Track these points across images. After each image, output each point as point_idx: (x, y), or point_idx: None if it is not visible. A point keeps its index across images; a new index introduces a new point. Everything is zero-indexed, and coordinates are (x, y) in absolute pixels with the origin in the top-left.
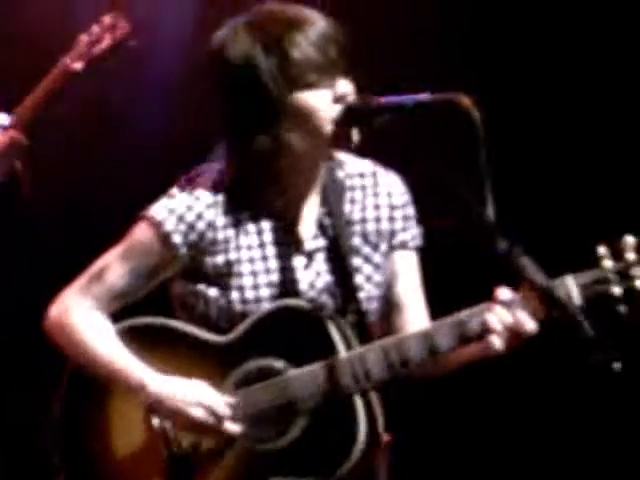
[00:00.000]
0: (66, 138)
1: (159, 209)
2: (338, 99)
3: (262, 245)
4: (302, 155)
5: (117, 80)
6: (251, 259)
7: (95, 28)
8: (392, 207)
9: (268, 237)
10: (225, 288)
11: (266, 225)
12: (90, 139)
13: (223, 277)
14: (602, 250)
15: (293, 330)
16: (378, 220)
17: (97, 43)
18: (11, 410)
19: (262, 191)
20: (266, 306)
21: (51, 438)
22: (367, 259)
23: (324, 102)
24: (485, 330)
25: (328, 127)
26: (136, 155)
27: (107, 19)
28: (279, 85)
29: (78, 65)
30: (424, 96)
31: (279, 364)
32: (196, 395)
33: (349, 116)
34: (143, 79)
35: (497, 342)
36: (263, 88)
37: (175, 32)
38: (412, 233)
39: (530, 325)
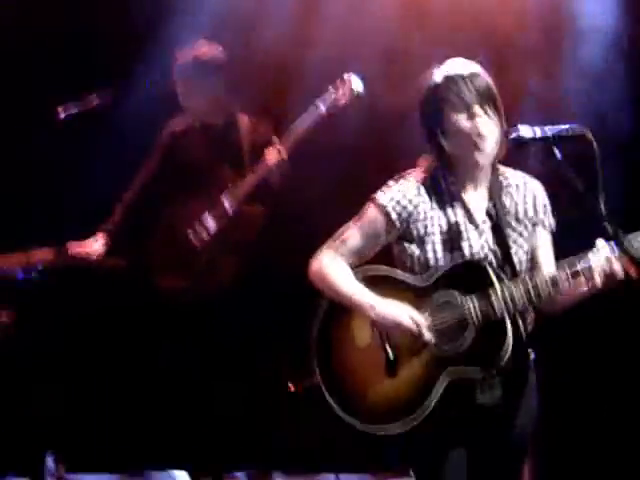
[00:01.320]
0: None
1: (382, 196)
2: (476, 124)
3: (448, 221)
4: (466, 161)
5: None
6: (441, 230)
7: (347, 77)
8: (535, 201)
9: (452, 216)
10: (424, 248)
11: (450, 207)
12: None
13: (422, 241)
14: None
15: (468, 274)
16: (526, 209)
17: (340, 98)
18: None
19: (449, 183)
20: (449, 261)
21: (311, 345)
22: (518, 233)
23: (462, 118)
24: (590, 269)
25: (479, 145)
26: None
27: (345, 76)
28: (438, 110)
29: (341, 103)
30: (563, 129)
31: (458, 298)
32: (406, 312)
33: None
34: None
35: (598, 281)
36: (431, 113)
37: None
38: (548, 220)
39: (617, 269)
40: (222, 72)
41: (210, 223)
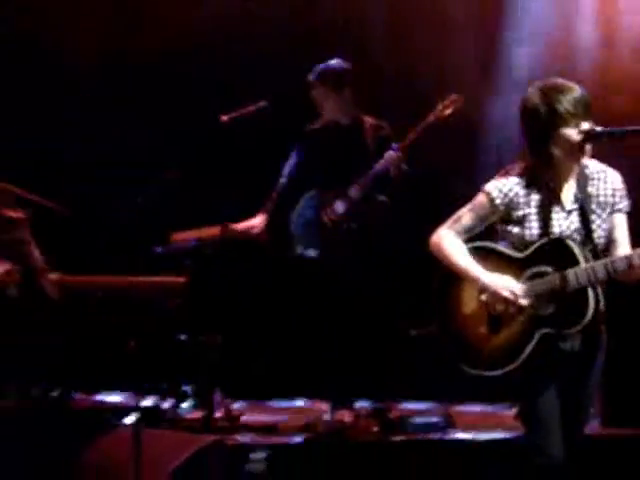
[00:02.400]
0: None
1: (490, 186)
2: (581, 132)
3: (542, 206)
4: (562, 159)
5: None
6: (536, 212)
7: (453, 96)
8: (614, 189)
9: (545, 201)
10: (522, 227)
11: (544, 195)
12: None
13: (520, 222)
14: None
15: (556, 251)
16: (606, 196)
17: (444, 111)
18: None
19: (544, 176)
20: (544, 238)
21: (431, 304)
22: (599, 217)
23: (574, 134)
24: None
25: (574, 143)
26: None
27: (453, 96)
28: (550, 123)
29: (446, 114)
30: (631, 128)
31: (549, 269)
32: (506, 282)
33: (586, 140)
34: None
35: None
36: (543, 124)
37: None
38: (624, 204)
39: None
40: (350, 82)
41: (339, 207)
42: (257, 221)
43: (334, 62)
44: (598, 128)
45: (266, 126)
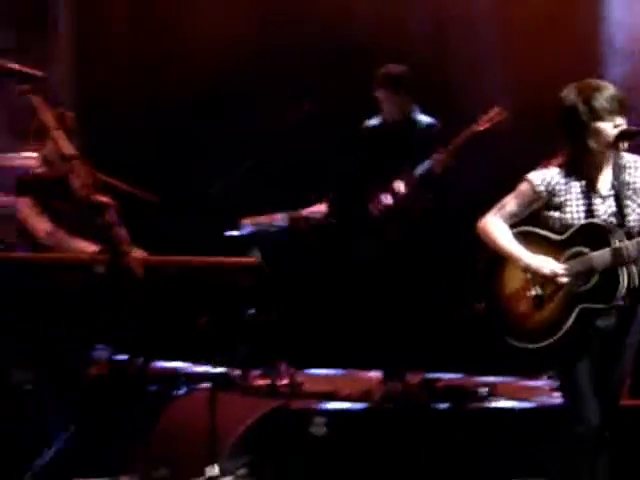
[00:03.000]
0: None
1: (533, 175)
2: (616, 126)
3: (580, 192)
4: (598, 151)
5: None
6: (576, 198)
7: (496, 109)
8: None
9: (583, 189)
10: (562, 212)
11: (582, 183)
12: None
13: (561, 207)
14: None
15: (593, 233)
16: (639, 183)
17: (487, 122)
18: None
19: (582, 167)
20: (582, 222)
21: (479, 284)
22: (634, 202)
23: (609, 127)
24: None
25: (610, 139)
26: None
27: (496, 109)
28: (588, 119)
29: (480, 129)
30: None
31: (586, 250)
32: (546, 263)
33: (621, 135)
34: None
35: None
36: (580, 120)
37: None
38: None
39: None
40: (406, 85)
41: (387, 199)
42: (320, 208)
43: (393, 67)
44: (632, 127)
45: (321, 127)
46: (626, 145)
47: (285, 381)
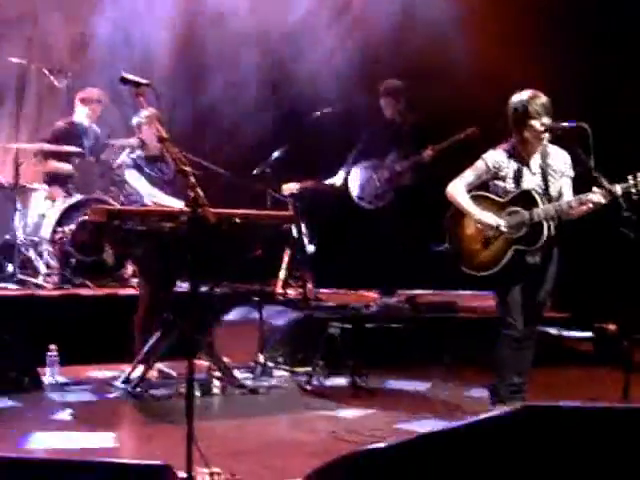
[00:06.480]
0: None
1: (486, 155)
2: (543, 124)
3: (517, 168)
4: (531, 139)
5: None
6: (513, 173)
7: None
8: (563, 161)
9: (520, 166)
10: (504, 182)
11: (519, 162)
12: None
13: (503, 179)
14: (631, 177)
15: (526, 198)
16: (559, 166)
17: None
18: None
19: (519, 151)
20: (518, 190)
21: (445, 228)
22: (554, 178)
23: (538, 124)
24: (588, 200)
25: (540, 131)
26: None
27: (472, 129)
28: (526, 116)
29: (461, 137)
30: (571, 123)
31: (519, 208)
32: (491, 216)
33: (546, 130)
34: None
35: (591, 206)
36: (521, 117)
37: None
38: (569, 172)
39: (602, 201)
40: (401, 93)
41: (385, 174)
42: (339, 177)
43: (391, 81)
44: (553, 124)
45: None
46: (548, 136)
47: (311, 296)
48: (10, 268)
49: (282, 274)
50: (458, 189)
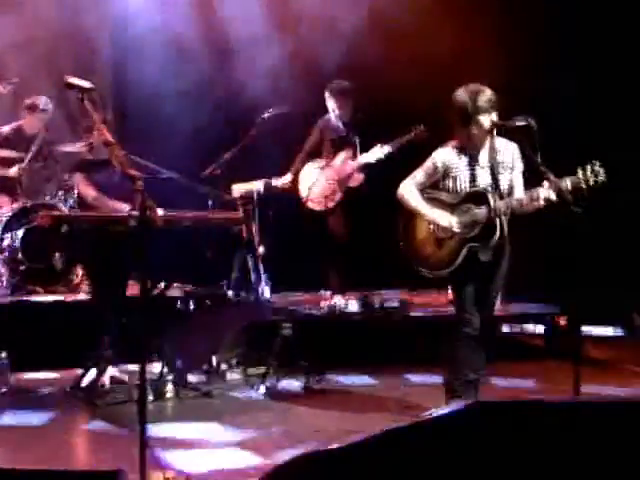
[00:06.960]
0: None
1: (435, 154)
2: (491, 120)
3: (467, 165)
4: (479, 135)
5: None
6: (464, 169)
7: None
8: (513, 155)
9: (469, 162)
10: (454, 181)
11: (468, 158)
12: None
13: (454, 178)
14: (580, 170)
15: (476, 197)
16: (508, 160)
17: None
18: None
19: (467, 148)
20: (469, 188)
21: (398, 231)
22: (503, 174)
23: (486, 120)
24: (539, 196)
25: (487, 127)
26: None
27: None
28: (473, 112)
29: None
30: (523, 118)
31: (472, 207)
32: (444, 216)
33: (493, 125)
34: None
35: (542, 202)
36: (467, 113)
37: None
38: (520, 166)
39: (553, 197)
40: (350, 93)
41: (333, 175)
42: (288, 177)
43: (341, 82)
44: (500, 121)
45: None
46: (494, 131)
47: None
48: None
49: (233, 276)
50: (409, 190)
